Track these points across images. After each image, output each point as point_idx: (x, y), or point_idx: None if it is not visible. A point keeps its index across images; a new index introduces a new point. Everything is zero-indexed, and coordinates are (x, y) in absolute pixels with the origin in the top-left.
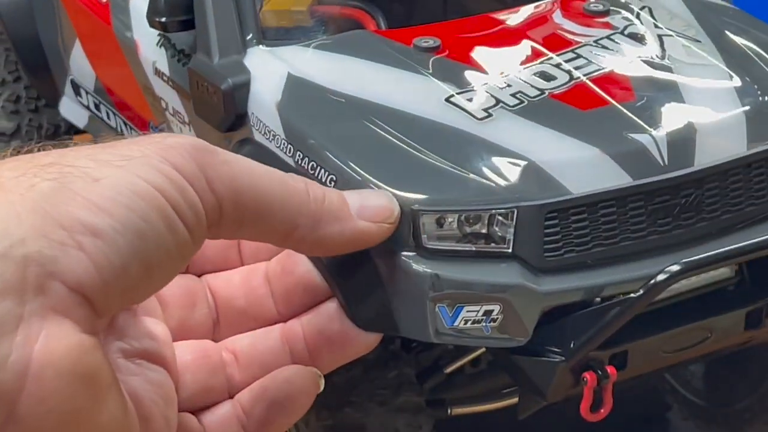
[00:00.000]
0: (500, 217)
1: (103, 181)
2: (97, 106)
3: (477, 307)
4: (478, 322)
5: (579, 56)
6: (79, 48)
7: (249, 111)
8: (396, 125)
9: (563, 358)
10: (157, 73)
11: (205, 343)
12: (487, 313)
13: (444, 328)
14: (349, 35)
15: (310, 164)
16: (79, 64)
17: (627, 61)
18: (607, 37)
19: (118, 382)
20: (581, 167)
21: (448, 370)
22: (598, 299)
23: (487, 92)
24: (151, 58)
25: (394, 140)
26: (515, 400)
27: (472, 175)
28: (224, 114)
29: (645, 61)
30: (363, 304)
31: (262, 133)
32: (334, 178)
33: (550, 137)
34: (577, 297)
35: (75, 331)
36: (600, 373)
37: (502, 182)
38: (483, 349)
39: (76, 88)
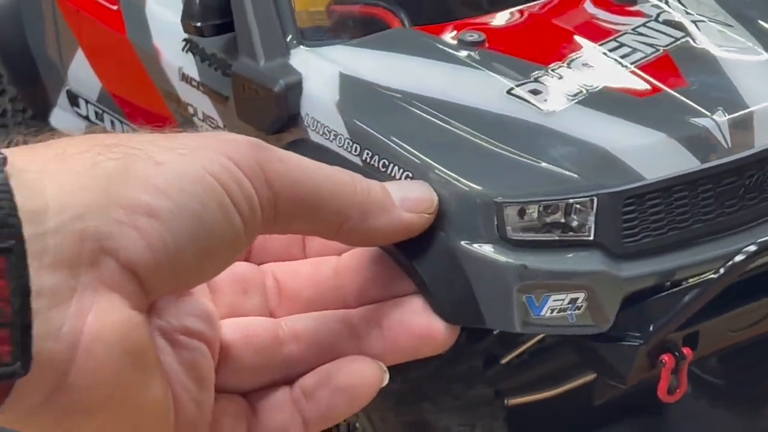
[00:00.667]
0: (579, 206)
1: (165, 165)
2: (99, 116)
3: (563, 296)
4: (564, 310)
5: (622, 45)
6: (82, 57)
7: (302, 112)
8: (462, 119)
9: (642, 342)
10: (185, 78)
11: (258, 321)
12: (573, 301)
13: (531, 318)
14: (391, 33)
15: (381, 162)
16: (81, 74)
17: (669, 47)
18: (644, 25)
19: (161, 363)
20: (652, 153)
21: (505, 360)
22: (668, 283)
23: (545, 83)
24: (176, 63)
25: (464, 134)
26: (571, 385)
27: (548, 165)
28: (276, 116)
29: (686, 47)
30: (448, 298)
31: (321, 133)
32: (410, 175)
33: (616, 125)
34: (656, 281)
35: (125, 307)
36: (677, 354)
37: (578, 171)
38: (538, 338)
39: (74, 99)
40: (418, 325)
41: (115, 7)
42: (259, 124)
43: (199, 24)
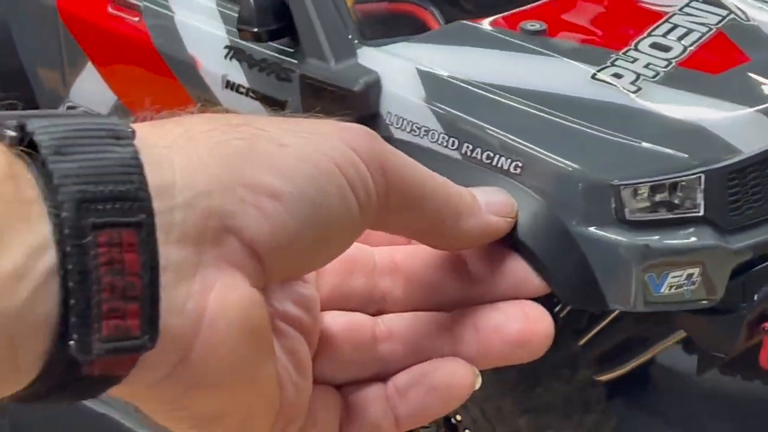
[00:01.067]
0: (685, 183)
1: (289, 148)
2: None
3: (681, 272)
4: (681, 286)
5: (676, 25)
6: (92, 71)
7: (383, 110)
8: (555, 106)
9: (747, 312)
10: (230, 86)
11: (356, 316)
12: (689, 276)
13: (652, 296)
14: (450, 27)
15: (485, 154)
16: (90, 88)
17: (720, 25)
18: (688, 5)
19: (274, 344)
20: (744, 127)
21: (582, 341)
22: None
23: (623, 67)
24: (218, 72)
25: (562, 121)
26: (647, 357)
27: (650, 145)
28: (357, 116)
29: (736, 24)
30: (569, 281)
31: (408, 130)
32: (520, 164)
33: (704, 102)
34: (759, 251)
35: (246, 285)
36: None
37: (682, 149)
38: (612, 316)
39: None
40: (513, 332)
41: (136, 19)
42: None
43: (256, 29)
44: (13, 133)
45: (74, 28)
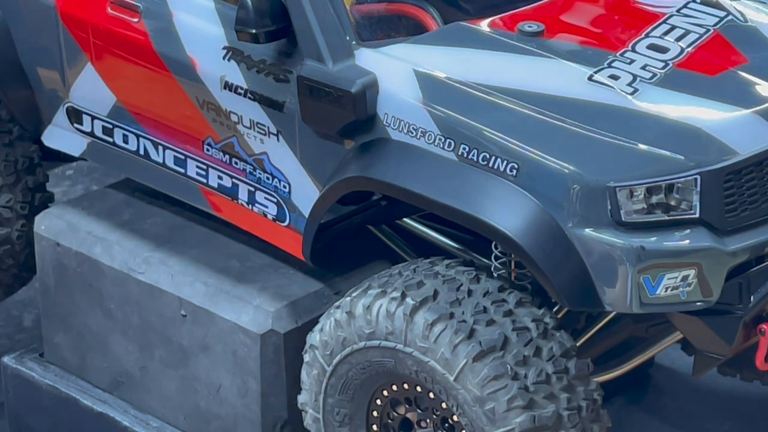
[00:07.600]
0: (681, 185)
1: None
2: (108, 131)
3: (676, 274)
4: (676, 288)
5: (674, 27)
6: (92, 72)
7: (380, 111)
8: (553, 108)
9: (744, 313)
10: (228, 86)
11: None
12: (684, 278)
13: (648, 298)
14: (448, 29)
15: (482, 155)
16: (89, 89)
17: (718, 26)
18: (686, 6)
19: None
20: (740, 128)
21: (579, 342)
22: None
23: (620, 68)
24: (216, 73)
25: (559, 122)
26: (648, 356)
27: (648, 147)
28: (354, 117)
29: (733, 25)
30: (567, 283)
31: (405, 131)
32: (516, 166)
33: (699, 103)
34: (755, 253)
35: None
36: None
37: (679, 151)
38: (608, 318)
39: (76, 115)
40: None
41: (135, 20)
42: (331, 127)
43: (254, 31)
44: None
45: (74, 28)
